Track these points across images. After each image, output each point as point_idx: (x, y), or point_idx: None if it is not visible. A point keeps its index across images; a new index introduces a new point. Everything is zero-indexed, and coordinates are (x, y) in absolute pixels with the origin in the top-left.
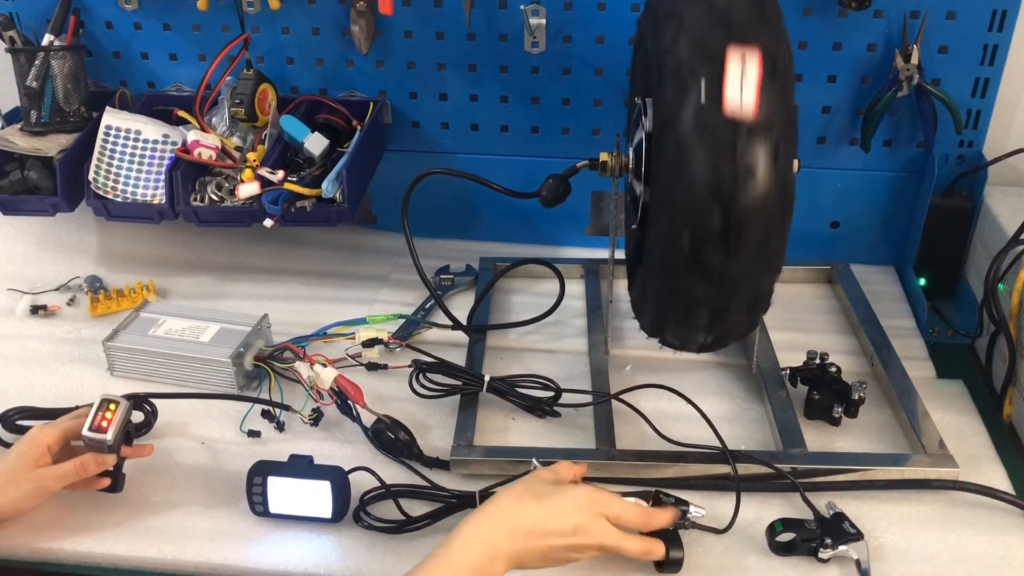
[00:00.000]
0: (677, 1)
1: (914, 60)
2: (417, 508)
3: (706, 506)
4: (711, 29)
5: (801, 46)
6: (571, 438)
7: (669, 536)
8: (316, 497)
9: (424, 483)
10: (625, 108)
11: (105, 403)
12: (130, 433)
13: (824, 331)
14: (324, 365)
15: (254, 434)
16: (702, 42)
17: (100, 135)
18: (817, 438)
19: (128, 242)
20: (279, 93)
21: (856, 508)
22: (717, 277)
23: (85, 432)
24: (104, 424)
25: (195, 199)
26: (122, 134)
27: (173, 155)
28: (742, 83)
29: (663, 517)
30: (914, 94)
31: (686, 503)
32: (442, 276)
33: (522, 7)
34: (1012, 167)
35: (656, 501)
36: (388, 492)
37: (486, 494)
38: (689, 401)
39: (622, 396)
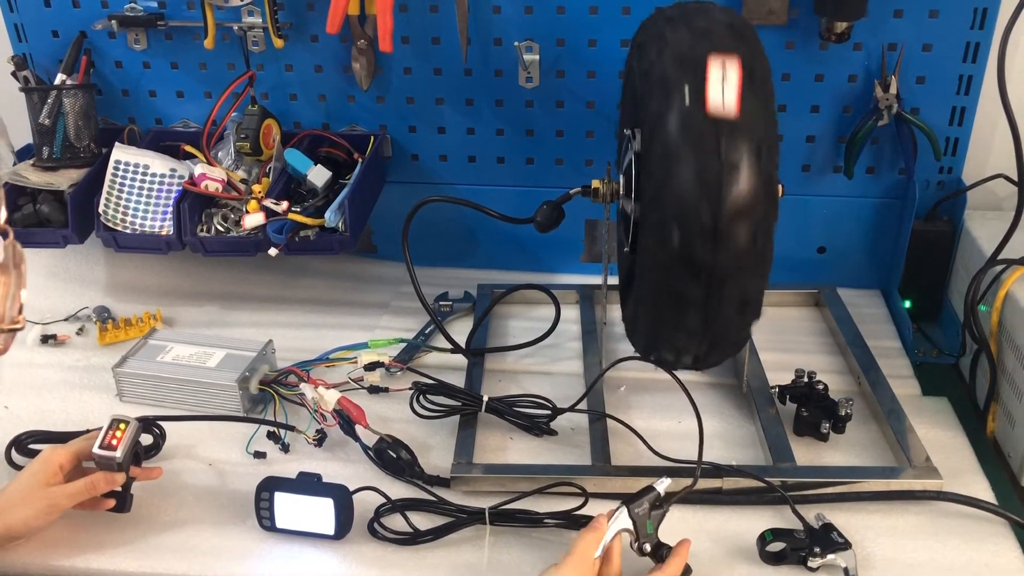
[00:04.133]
0: (660, 25)
1: (893, 90)
2: (424, 523)
3: (697, 519)
4: (692, 43)
5: (785, 78)
6: (568, 455)
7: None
8: (320, 514)
9: (432, 498)
10: (616, 139)
11: (115, 423)
12: (139, 454)
13: (812, 352)
14: (327, 388)
15: (260, 455)
16: (684, 54)
17: (110, 170)
18: (806, 453)
19: (136, 273)
20: (283, 128)
21: (844, 519)
22: (707, 273)
23: (96, 450)
24: (114, 442)
25: (202, 230)
26: (131, 168)
27: (181, 188)
28: (723, 85)
29: (681, 565)
30: (894, 123)
31: (652, 489)
32: (441, 302)
33: (516, 44)
34: (990, 191)
35: (631, 513)
36: (395, 506)
37: (495, 512)
38: (677, 380)
39: (616, 414)
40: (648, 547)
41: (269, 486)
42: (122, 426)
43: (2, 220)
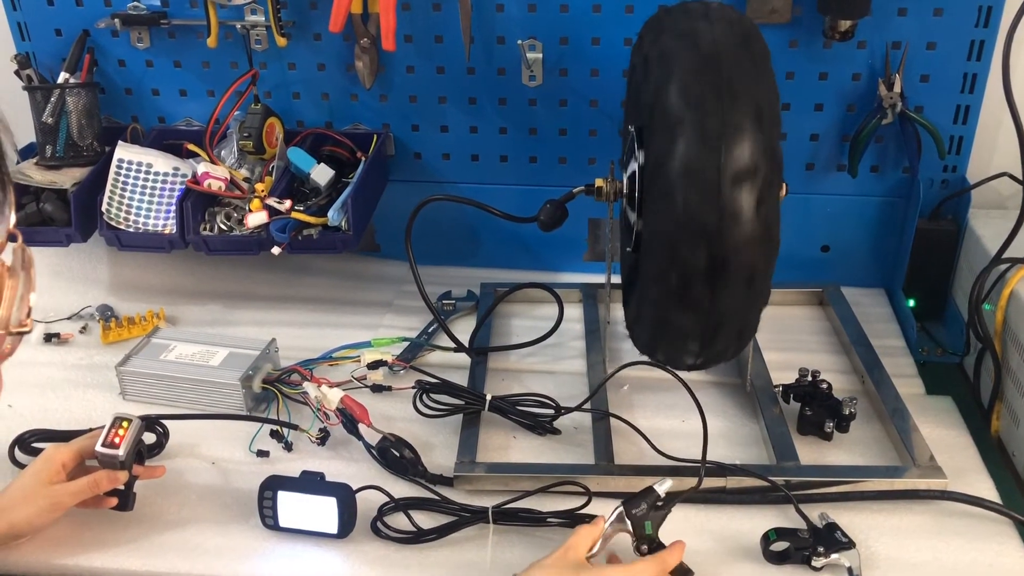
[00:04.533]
0: (668, 43)
1: (897, 89)
2: (427, 522)
3: (701, 518)
4: (699, 75)
5: (788, 77)
6: (571, 454)
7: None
8: (323, 513)
9: (435, 497)
10: (620, 137)
11: (118, 421)
12: (142, 452)
13: (816, 351)
14: (330, 386)
15: (263, 454)
16: (689, 89)
17: (113, 168)
18: (810, 452)
19: (139, 271)
20: (286, 126)
21: (848, 519)
22: (704, 312)
23: (98, 448)
24: (117, 440)
25: (205, 228)
26: (134, 167)
27: (184, 187)
28: None
29: (674, 559)
30: (898, 121)
31: (652, 490)
32: (444, 301)
33: (519, 42)
34: (994, 190)
35: (628, 514)
36: (398, 505)
37: (498, 511)
38: (679, 378)
39: (619, 412)
40: (646, 548)
41: (272, 485)
42: (125, 424)
43: (12, 224)
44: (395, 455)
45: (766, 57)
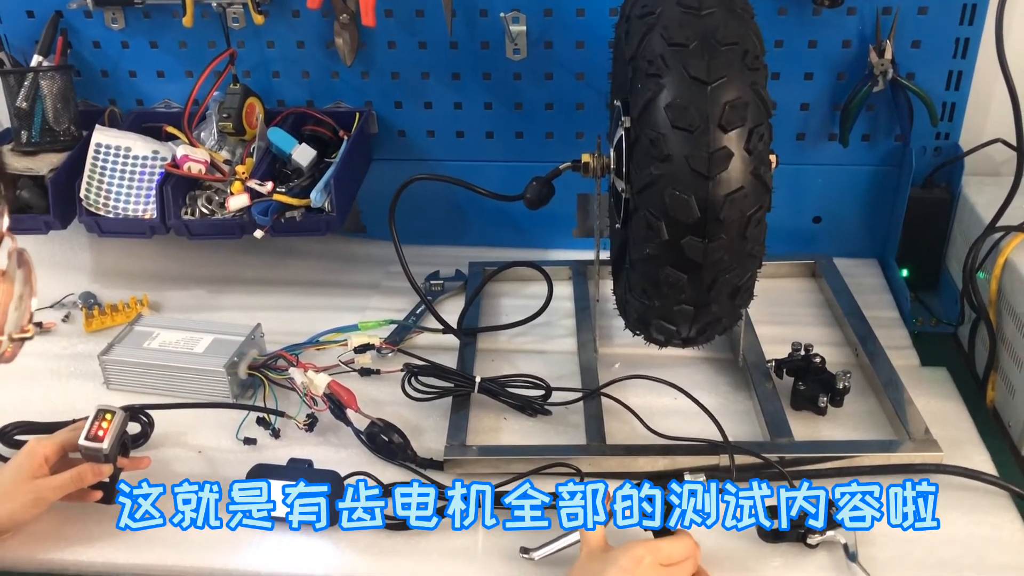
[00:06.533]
0: (650, 1)
1: (888, 55)
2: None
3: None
4: (682, 21)
5: (777, 45)
6: (562, 435)
7: None
8: (312, 501)
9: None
10: (607, 111)
11: (101, 413)
12: (126, 444)
13: (809, 324)
14: (317, 371)
15: (250, 441)
16: (673, 34)
17: (90, 153)
18: (804, 428)
19: (121, 258)
20: (266, 106)
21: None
22: (697, 265)
23: (82, 441)
24: (100, 433)
25: (186, 213)
26: (112, 151)
27: (163, 170)
28: None
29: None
30: (890, 88)
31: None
32: (432, 282)
33: (502, 15)
34: (988, 157)
35: None
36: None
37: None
38: (676, 387)
39: (610, 391)
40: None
41: (260, 473)
42: (108, 416)
43: (5, 227)
44: (384, 440)
45: (748, 10)
